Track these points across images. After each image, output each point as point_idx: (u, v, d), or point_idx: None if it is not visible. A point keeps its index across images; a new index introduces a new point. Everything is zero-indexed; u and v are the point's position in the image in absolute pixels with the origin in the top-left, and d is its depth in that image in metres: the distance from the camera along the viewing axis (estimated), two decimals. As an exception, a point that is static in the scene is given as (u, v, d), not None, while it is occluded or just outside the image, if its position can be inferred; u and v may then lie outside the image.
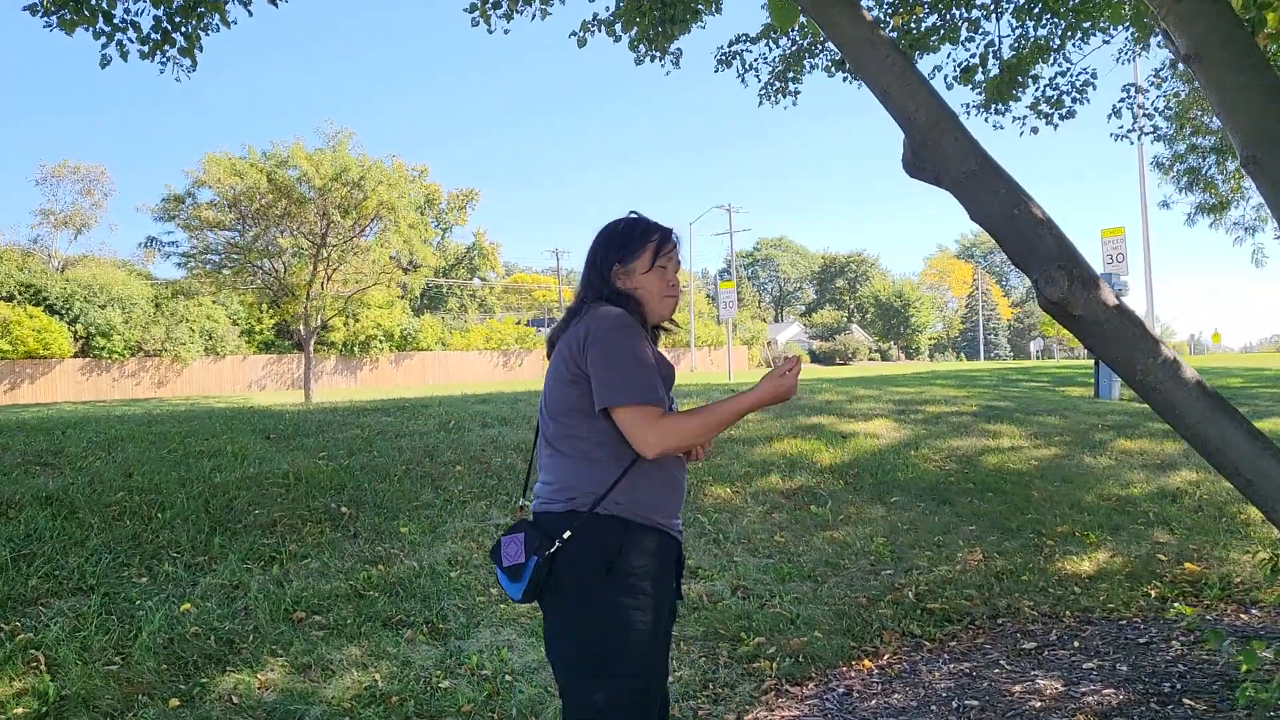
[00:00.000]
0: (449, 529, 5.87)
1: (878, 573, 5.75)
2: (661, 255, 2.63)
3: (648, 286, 2.61)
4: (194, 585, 4.87)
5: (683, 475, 2.62)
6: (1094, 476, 7.91)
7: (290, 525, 5.64)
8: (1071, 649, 4.62)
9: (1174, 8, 3.38)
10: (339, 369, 41.14)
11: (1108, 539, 6.40)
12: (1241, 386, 15.00)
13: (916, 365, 62.96)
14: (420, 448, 7.23)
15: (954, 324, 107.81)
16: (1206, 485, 7.69)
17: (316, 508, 5.89)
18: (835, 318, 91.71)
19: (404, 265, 29.00)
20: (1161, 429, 9.97)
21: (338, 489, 6.19)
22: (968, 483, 7.59)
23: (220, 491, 5.87)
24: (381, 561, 5.33)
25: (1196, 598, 5.51)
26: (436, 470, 6.80)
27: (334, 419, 8.02)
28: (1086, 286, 2.59)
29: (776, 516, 6.69)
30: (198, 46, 5.91)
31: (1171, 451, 8.87)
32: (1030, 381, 15.51)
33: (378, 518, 5.90)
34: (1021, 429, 9.63)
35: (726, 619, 4.95)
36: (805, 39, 8.14)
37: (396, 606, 4.84)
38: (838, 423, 9.42)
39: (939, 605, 5.23)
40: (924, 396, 11.75)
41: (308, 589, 4.90)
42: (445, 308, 59.29)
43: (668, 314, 2.69)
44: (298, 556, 5.27)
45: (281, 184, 25.42)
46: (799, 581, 5.57)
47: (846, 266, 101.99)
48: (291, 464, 6.47)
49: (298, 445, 7.06)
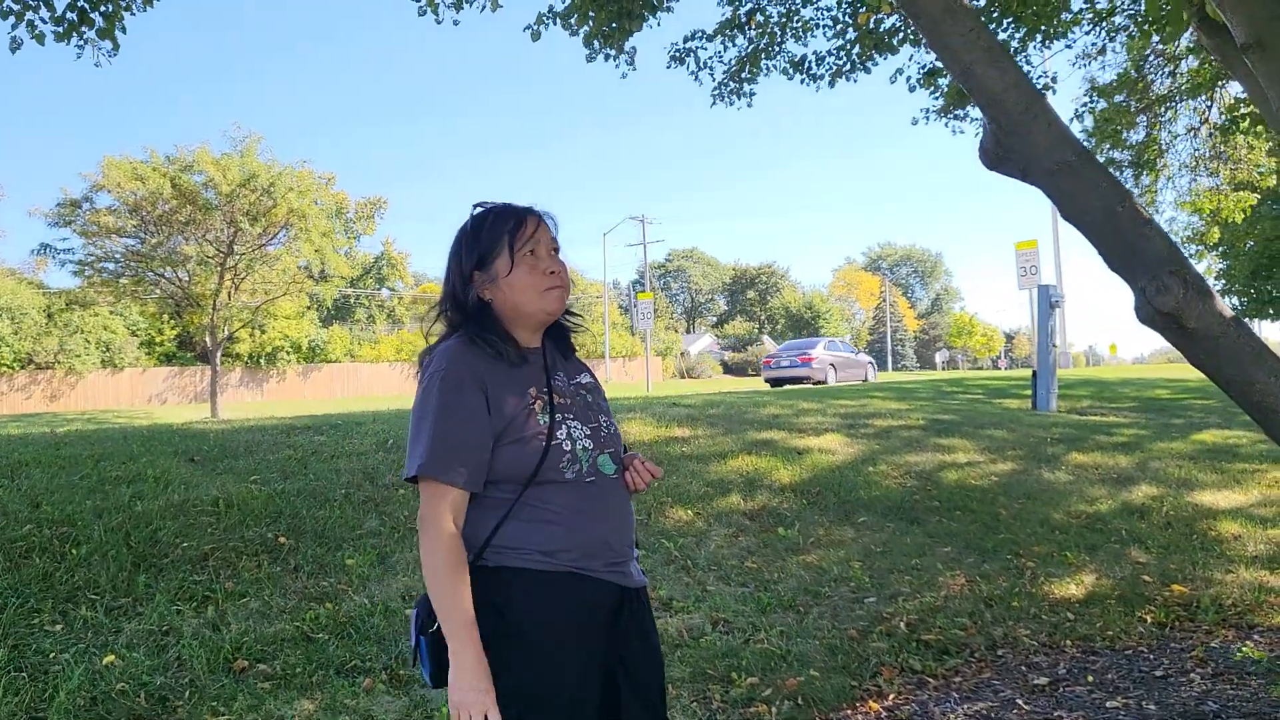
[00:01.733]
0: (399, 560, 5.37)
1: (861, 601, 5.41)
2: (521, 243, 2.17)
3: (517, 285, 2.15)
4: (117, 633, 4.28)
5: (606, 503, 2.16)
6: (1057, 492, 7.72)
7: (224, 559, 5.07)
8: (1087, 684, 4.33)
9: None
10: (245, 381, 39.68)
11: (1087, 559, 6.18)
12: (1171, 398, 15.16)
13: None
14: (359, 470, 6.68)
15: (862, 335, 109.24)
16: (1169, 500, 7.56)
17: (252, 538, 5.32)
18: (747, 329, 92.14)
19: (314, 275, 28.03)
20: (1111, 442, 9.89)
21: (274, 517, 5.63)
22: (933, 501, 7.33)
23: (142, 522, 5.27)
24: (329, 598, 4.80)
25: (1192, 621, 5.29)
26: (379, 494, 6.27)
27: (263, 438, 7.42)
28: (1202, 296, 2.26)
29: (744, 540, 6.32)
30: (119, 27, 5.31)
31: (1126, 465, 8.76)
32: (965, 393, 15.46)
33: (320, 548, 5.36)
34: (973, 443, 9.43)
35: (713, 657, 4.55)
36: (762, 40, 7.84)
37: (350, 651, 4.33)
38: (789, 438, 9.11)
39: (934, 636, 4.91)
40: (868, 410, 11.53)
41: (249, 633, 4.36)
42: (353, 319, 57.89)
43: (555, 308, 2.21)
44: (235, 595, 4.71)
45: (186, 189, 24.35)
46: (781, 612, 5.20)
47: (757, 278, 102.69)
48: (221, 489, 5.88)
49: (226, 468, 6.45)
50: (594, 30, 6.92)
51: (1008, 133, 2.38)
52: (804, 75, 7.83)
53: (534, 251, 2.18)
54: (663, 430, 9.15)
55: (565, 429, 2.14)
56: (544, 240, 2.21)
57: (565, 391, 2.22)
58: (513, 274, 2.16)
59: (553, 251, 2.23)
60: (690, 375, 60.79)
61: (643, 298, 33.76)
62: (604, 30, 6.89)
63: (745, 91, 7.98)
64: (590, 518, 2.14)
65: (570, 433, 2.14)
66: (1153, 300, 2.27)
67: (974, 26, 2.35)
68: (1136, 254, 2.33)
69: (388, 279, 65.62)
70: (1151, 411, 13.28)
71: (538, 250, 2.18)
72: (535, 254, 2.18)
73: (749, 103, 8.04)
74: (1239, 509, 7.43)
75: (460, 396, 2.06)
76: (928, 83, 7.58)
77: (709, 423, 9.72)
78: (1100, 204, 2.34)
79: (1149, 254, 2.31)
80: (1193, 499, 7.65)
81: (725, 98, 8.03)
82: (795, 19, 7.75)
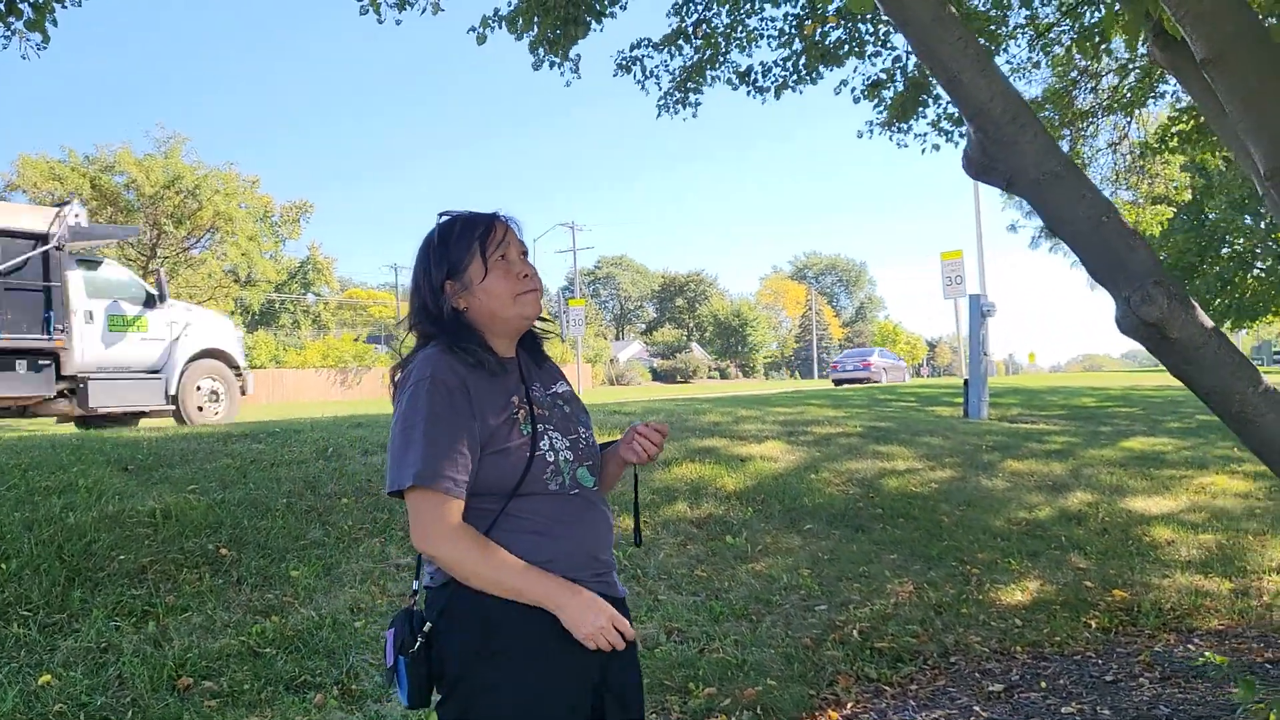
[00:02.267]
0: (345, 571, 5.24)
1: (812, 609, 5.42)
2: (492, 248, 2.11)
3: (492, 291, 2.10)
4: (53, 651, 4.10)
5: (590, 515, 2.14)
6: (996, 499, 7.83)
7: (163, 572, 4.90)
8: (1040, 690, 4.38)
9: (1195, 7, 3.13)
10: (166, 387, 38.75)
11: (1029, 566, 6.27)
12: (1097, 406, 15.52)
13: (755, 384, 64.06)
14: (300, 478, 6.52)
15: (788, 343, 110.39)
16: (1104, 507, 7.71)
17: (192, 550, 5.15)
18: (675, 336, 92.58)
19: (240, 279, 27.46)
20: (1043, 449, 10.08)
21: (214, 527, 5.46)
22: (876, 508, 7.38)
23: (76, 535, 5.07)
24: (275, 612, 4.66)
25: (1135, 626, 5.40)
26: (321, 504, 6.12)
27: (199, 446, 7.20)
28: (1185, 307, 2.28)
29: (692, 549, 6.29)
30: (50, 18, 5.10)
31: (1060, 472, 8.93)
32: (898, 401, 15.66)
33: (263, 560, 5.21)
34: (911, 450, 9.53)
35: (669, 667, 4.51)
36: (706, 50, 7.84)
37: (299, 665, 4.20)
38: (731, 445, 9.12)
39: (887, 644, 4.92)
40: (806, 417, 11.60)
41: (192, 649, 4.20)
42: (278, 324, 56.95)
43: (532, 312, 2.16)
44: (176, 609, 4.55)
45: (107, 190, 23.68)
46: (734, 621, 5.18)
47: (686, 286, 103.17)
48: (158, 500, 5.68)
49: (162, 477, 6.24)
50: (539, 37, 6.87)
51: (994, 142, 2.38)
52: (750, 86, 7.86)
53: (505, 256, 2.12)
54: (603, 438, 9.06)
55: (547, 439, 2.10)
56: (514, 244, 2.16)
57: (543, 402, 2.18)
58: (487, 280, 2.10)
59: (523, 255, 2.18)
60: (619, 382, 60.87)
61: (574, 304, 33.80)
62: (549, 36, 6.83)
63: (691, 102, 7.99)
64: (575, 529, 2.10)
65: (552, 443, 2.10)
66: (1137, 310, 2.28)
67: (962, 36, 2.35)
68: (1122, 265, 2.35)
69: (313, 284, 64.64)
70: (1080, 419, 13.57)
71: (509, 255, 2.13)
72: (507, 259, 2.12)
73: (694, 113, 8.05)
74: (1170, 515, 7.61)
75: (449, 404, 2.00)
76: (872, 95, 7.66)
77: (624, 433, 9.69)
78: (1086, 215, 2.36)
79: (1134, 265, 2.33)
80: (1126, 505, 7.82)
81: (671, 108, 8.03)
82: (740, 29, 7.78)
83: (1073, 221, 2.36)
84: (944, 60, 2.37)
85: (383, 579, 5.20)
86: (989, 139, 2.38)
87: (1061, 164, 2.36)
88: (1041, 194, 2.37)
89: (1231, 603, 5.77)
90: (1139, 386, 20.96)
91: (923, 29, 2.36)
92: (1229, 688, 4.25)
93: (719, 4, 7.52)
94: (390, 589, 5.08)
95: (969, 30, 2.41)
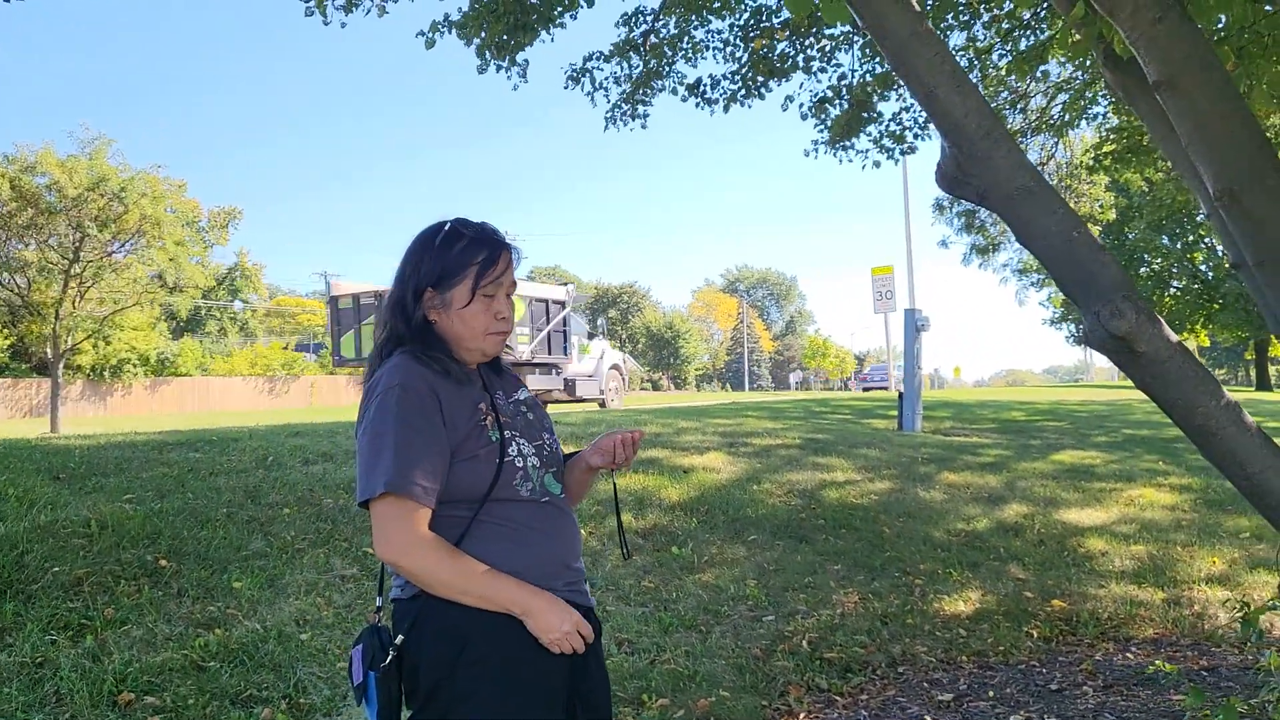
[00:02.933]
0: (289, 582, 5.13)
1: (760, 619, 5.43)
2: (486, 282, 2.09)
3: (468, 321, 2.09)
4: (-14, 666, 3.96)
5: (560, 523, 2.14)
6: (935, 511, 7.94)
7: (100, 584, 4.75)
8: (988, 699, 4.44)
9: (1149, 31, 3.21)
10: (86, 395, 37.59)
11: (970, 576, 6.36)
12: (1026, 420, 15.83)
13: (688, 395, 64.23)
14: (240, 488, 6.37)
15: (720, 355, 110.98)
16: (1039, 518, 7.86)
17: (129, 561, 5.00)
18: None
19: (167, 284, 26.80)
20: (978, 461, 10.25)
21: (152, 538, 5.31)
22: (818, 519, 7.44)
23: (6, 545, 4.89)
24: (218, 624, 4.54)
25: (1074, 635, 5.51)
26: (263, 514, 5.99)
27: (134, 455, 7.01)
28: (1152, 322, 2.34)
29: (639, 560, 6.28)
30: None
31: (995, 484, 9.09)
32: (833, 413, 15.82)
33: (204, 571, 5.08)
34: (849, 462, 9.63)
35: (621, 679, 4.49)
36: (651, 62, 7.87)
37: (245, 679, 4.10)
38: (673, 456, 9.14)
39: (835, 654, 4.96)
40: (744, 429, 11.67)
41: (133, 663, 4.08)
42: (204, 331, 55.77)
43: (493, 352, 2.18)
44: (115, 623, 4.41)
45: (27, 191, 22.98)
46: (684, 632, 5.18)
47: (619, 297, 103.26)
48: (92, 509, 5.51)
49: (95, 486, 6.05)
50: (488, 40, 6.83)
51: (968, 157, 2.42)
52: (699, 98, 7.90)
53: (494, 295, 2.12)
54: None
55: (515, 445, 2.09)
56: (506, 283, 2.15)
57: (506, 410, 2.17)
58: (469, 309, 2.09)
59: (509, 294, 2.17)
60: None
61: (512, 315, 33.67)
62: (498, 41, 6.80)
63: (639, 113, 8.01)
64: (547, 537, 2.10)
65: (520, 449, 2.10)
66: (1106, 324, 2.33)
67: (939, 51, 2.39)
68: (1092, 279, 2.39)
69: (241, 291, 63.42)
70: (1010, 432, 13.83)
71: (498, 294, 2.12)
72: (494, 298, 2.12)
73: (643, 124, 8.07)
74: (1102, 526, 7.79)
75: (420, 411, 1.98)
76: (819, 111, 7.75)
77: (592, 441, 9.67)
78: (1057, 229, 2.40)
79: (1104, 280, 2.38)
80: (1060, 517, 7.98)
81: (619, 120, 8.03)
82: (686, 40, 7.82)
83: (1044, 236, 2.41)
84: (921, 75, 2.40)
85: (328, 590, 5.11)
86: (964, 154, 2.42)
87: (1034, 179, 2.41)
88: (1014, 208, 2.41)
89: (1165, 612, 5.91)
90: (1065, 401, 21.43)
91: (900, 44, 2.39)
92: (1170, 695, 4.36)
93: (666, 14, 7.56)
94: (336, 600, 4.99)
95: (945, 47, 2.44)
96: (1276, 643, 5.28)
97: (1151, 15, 2.97)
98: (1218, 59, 3.28)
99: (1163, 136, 3.84)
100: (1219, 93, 3.18)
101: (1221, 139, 3.16)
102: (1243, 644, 5.27)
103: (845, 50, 7.52)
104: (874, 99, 7.71)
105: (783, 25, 7.34)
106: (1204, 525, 7.87)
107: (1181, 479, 9.71)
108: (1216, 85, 3.18)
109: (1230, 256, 3.58)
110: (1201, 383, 2.39)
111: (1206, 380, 2.39)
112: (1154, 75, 3.21)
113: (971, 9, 7.82)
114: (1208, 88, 3.16)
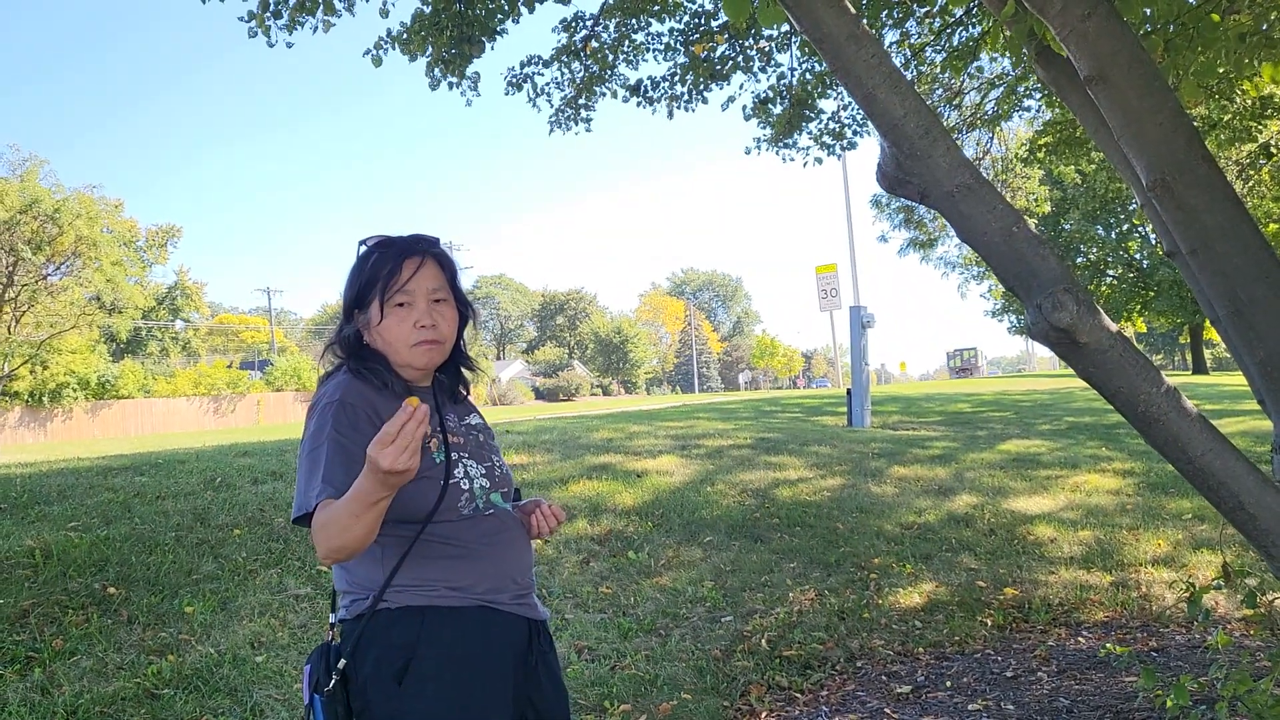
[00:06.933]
0: (242, 605, 5.06)
1: (719, 620, 5.45)
2: (392, 291, 2.04)
3: (387, 335, 2.06)
4: (-71, 702, 3.87)
5: (506, 536, 2.11)
6: (886, 505, 8.02)
7: (46, 615, 4.65)
8: (946, 689, 4.49)
9: (1078, 27, 3.27)
10: (25, 421, 36.66)
11: (923, 568, 6.43)
12: (972, 412, 16.05)
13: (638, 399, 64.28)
14: (188, 510, 6.27)
15: (669, 358, 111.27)
16: (988, 508, 7.97)
17: (76, 590, 4.90)
18: (557, 355, 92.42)
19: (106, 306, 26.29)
20: (927, 454, 10.38)
21: (99, 565, 5.21)
22: (772, 518, 7.49)
23: (-53, 578, 4.79)
24: (170, 650, 4.47)
25: (1027, 622, 5.58)
26: (213, 536, 5.90)
27: (77, 481, 6.86)
28: (1092, 313, 2.38)
29: (595, 565, 6.28)
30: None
31: (944, 476, 9.20)
32: (784, 412, 15.92)
33: (154, 597, 4.99)
34: (801, 460, 9.71)
35: (582, 686, 4.48)
36: (593, 67, 7.87)
37: (201, 705, 4.03)
38: (626, 461, 9.15)
39: (794, 652, 4.99)
40: (696, 430, 11.71)
41: (84, 694, 4.00)
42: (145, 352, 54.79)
43: (423, 364, 2.09)
44: (64, 654, 4.32)
45: (-45, 214, 22.44)
46: (643, 636, 5.18)
47: (566, 304, 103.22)
48: (36, 539, 5.39)
49: (39, 515, 5.92)
50: (435, 57, 6.79)
51: (908, 156, 2.45)
52: (640, 98, 7.92)
53: (405, 304, 2.05)
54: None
55: (462, 467, 2.07)
56: (421, 288, 2.07)
57: (458, 431, 2.15)
58: (383, 324, 2.06)
59: (434, 301, 2.09)
60: (502, 402, 60.38)
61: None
62: (444, 56, 6.76)
63: (583, 117, 8.02)
64: (493, 549, 2.08)
65: (467, 470, 2.08)
66: (1049, 316, 2.37)
67: (876, 53, 2.42)
68: (1033, 273, 2.43)
69: (182, 310, 62.44)
70: (957, 425, 14.01)
71: (413, 301, 2.06)
72: (408, 305, 2.06)
73: (588, 127, 8.08)
74: (1049, 514, 7.91)
75: (353, 426, 1.95)
76: (760, 111, 7.81)
77: (545, 449, 9.66)
78: (998, 225, 2.44)
79: (1044, 273, 2.42)
80: (1008, 506, 8.10)
81: (563, 124, 8.04)
82: (627, 43, 7.83)
83: (985, 232, 2.45)
84: (859, 76, 2.43)
85: (282, 611, 5.04)
86: (903, 154, 2.45)
87: (973, 176, 2.45)
88: (955, 206, 2.45)
89: (1113, 595, 6.01)
90: (1009, 392, 21.75)
91: (838, 46, 2.42)
92: (1122, 676, 4.45)
93: (606, 17, 7.57)
94: (291, 620, 4.93)
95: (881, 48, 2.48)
96: (1223, 621, 5.40)
97: (1080, 11, 3.02)
98: (1146, 52, 3.36)
99: (1095, 129, 3.92)
100: (1148, 85, 3.24)
101: (1152, 130, 3.23)
102: (1190, 624, 5.38)
103: (784, 50, 7.59)
104: (814, 97, 7.79)
105: (721, 29, 7.39)
106: (1147, 509, 8.02)
107: (1124, 464, 9.90)
108: (1146, 78, 3.25)
109: (1164, 245, 3.65)
110: (1142, 371, 2.44)
111: (1147, 369, 2.44)
112: (1085, 70, 3.27)
113: (904, 7, 7.94)
114: (1137, 81, 3.23)
